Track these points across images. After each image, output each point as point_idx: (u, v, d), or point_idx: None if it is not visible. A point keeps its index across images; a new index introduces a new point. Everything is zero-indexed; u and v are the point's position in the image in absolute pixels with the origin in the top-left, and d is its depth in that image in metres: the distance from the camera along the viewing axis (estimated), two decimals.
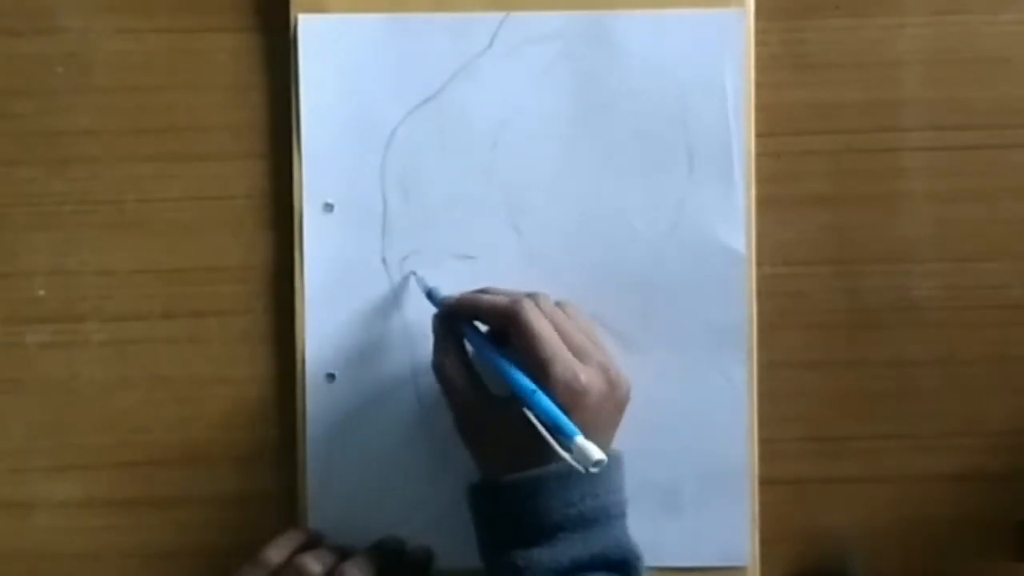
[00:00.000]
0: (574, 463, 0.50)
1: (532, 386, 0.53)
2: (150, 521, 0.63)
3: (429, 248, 0.62)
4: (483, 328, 0.58)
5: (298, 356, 0.62)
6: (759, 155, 0.62)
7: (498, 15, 0.62)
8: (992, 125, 0.63)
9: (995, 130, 0.63)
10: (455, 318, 0.58)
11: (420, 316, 0.62)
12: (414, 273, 0.62)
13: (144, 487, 0.63)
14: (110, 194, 0.63)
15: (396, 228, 0.62)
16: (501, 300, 0.56)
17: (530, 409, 0.52)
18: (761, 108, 0.62)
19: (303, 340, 0.62)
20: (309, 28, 0.62)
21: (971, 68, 0.63)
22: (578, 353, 0.55)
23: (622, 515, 0.55)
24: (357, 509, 0.62)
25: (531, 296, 0.56)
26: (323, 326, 0.62)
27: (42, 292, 0.63)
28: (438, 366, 0.58)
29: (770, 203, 0.63)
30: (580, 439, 0.51)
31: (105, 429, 0.63)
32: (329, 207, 0.62)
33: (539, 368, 0.54)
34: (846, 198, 0.64)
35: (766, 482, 0.62)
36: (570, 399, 0.53)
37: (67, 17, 0.63)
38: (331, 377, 0.62)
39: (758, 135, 0.62)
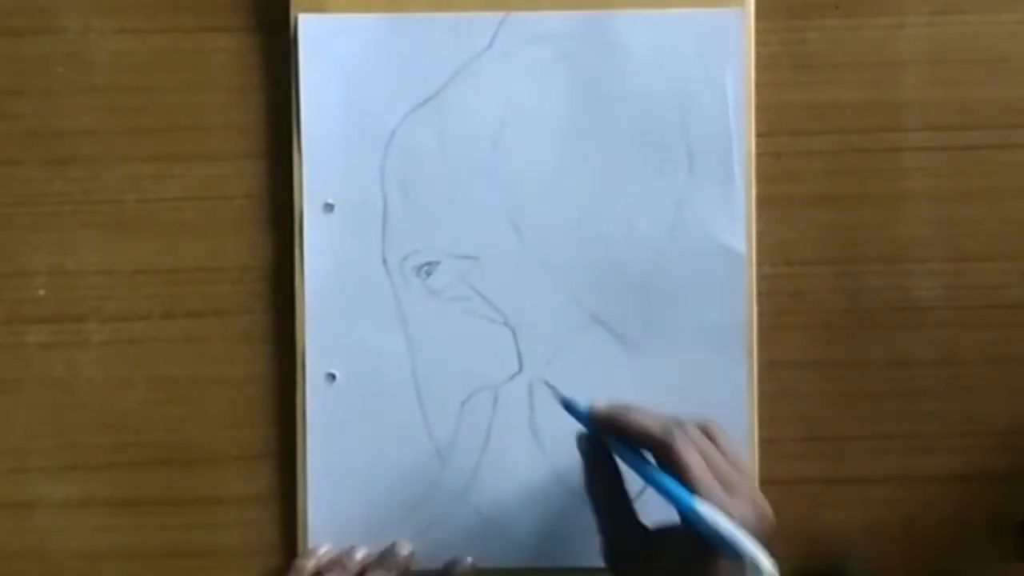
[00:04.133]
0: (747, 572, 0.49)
1: (694, 504, 0.51)
2: (150, 521, 0.63)
3: (429, 248, 0.62)
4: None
5: (298, 356, 0.62)
6: (759, 155, 0.62)
7: (498, 15, 0.62)
8: (992, 125, 0.63)
9: (995, 130, 0.63)
10: (605, 433, 0.56)
11: (420, 316, 0.62)
12: (548, 383, 0.60)
13: (144, 487, 0.63)
14: (110, 194, 0.63)
15: (396, 228, 0.62)
16: (653, 426, 0.54)
17: (698, 524, 0.51)
18: (761, 108, 0.62)
19: (303, 340, 0.62)
20: (309, 28, 0.62)
21: (971, 68, 0.63)
22: (725, 484, 0.53)
23: None
24: (357, 509, 0.62)
25: (679, 424, 0.54)
26: (323, 326, 0.62)
27: (42, 292, 0.63)
28: (591, 492, 0.56)
29: (770, 203, 0.63)
30: (753, 551, 0.49)
31: (105, 429, 0.63)
32: (329, 207, 0.62)
33: None
34: (846, 198, 0.64)
35: (766, 482, 0.62)
36: None
37: (67, 17, 0.63)
38: (331, 377, 0.62)
39: (758, 135, 0.62)
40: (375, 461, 0.62)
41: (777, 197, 0.63)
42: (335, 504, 0.62)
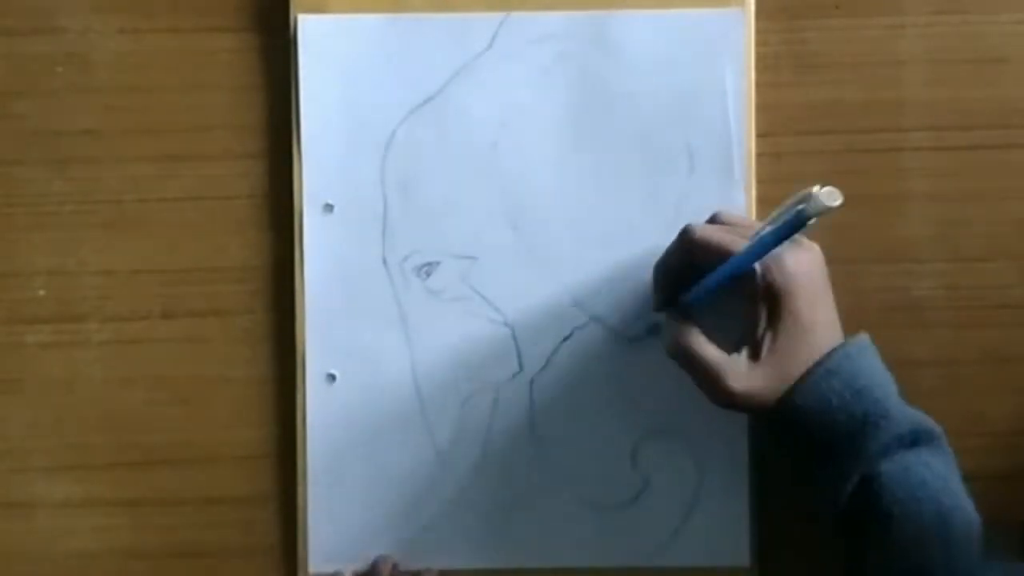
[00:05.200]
0: (828, 204, 0.50)
1: (740, 247, 0.53)
2: (150, 521, 0.63)
3: (429, 248, 0.62)
4: None
5: (298, 356, 0.62)
6: (759, 155, 0.62)
7: (498, 15, 0.62)
8: (992, 125, 0.63)
9: (995, 130, 0.63)
10: (666, 298, 0.58)
11: (420, 316, 0.62)
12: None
13: (144, 487, 0.63)
14: (110, 194, 0.63)
15: (396, 228, 0.62)
16: (674, 243, 0.57)
17: (763, 250, 0.52)
18: (761, 108, 0.62)
19: (303, 340, 0.62)
20: (309, 28, 0.62)
21: (971, 68, 0.63)
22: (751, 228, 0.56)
23: (892, 393, 0.56)
24: (356, 510, 0.62)
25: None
26: (323, 326, 0.62)
27: (42, 292, 0.63)
28: (676, 349, 0.56)
29: (770, 203, 0.63)
30: (805, 194, 0.51)
31: (105, 429, 0.63)
32: (329, 207, 0.62)
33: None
34: (846, 198, 0.63)
35: (766, 482, 0.62)
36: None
37: (67, 17, 0.63)
38: (331, 377, 0.62)
39: (758, 135, 0.62)
40: (375, 461, 0.62)
41: (777, 197, 0.63)
42: (335, 504, 0.62)
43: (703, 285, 0.56)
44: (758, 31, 0.62)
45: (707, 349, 0.56)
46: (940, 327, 0.64)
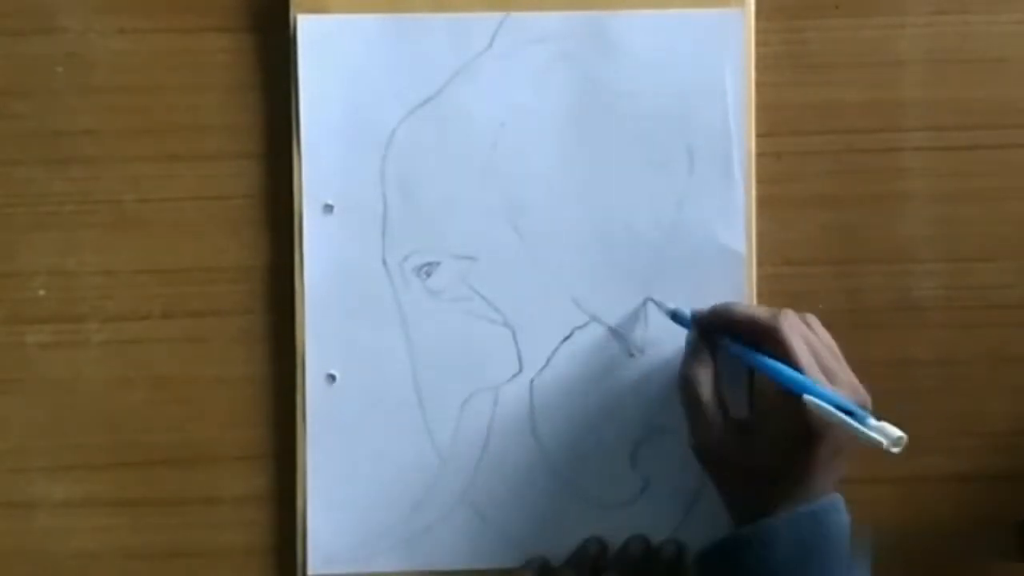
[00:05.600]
0: (875, 438, 0.51)
1: (809, 382, 0.53)
2: (150, 521, 0.63)
3: (429, 248, 0.62)
4: None
5: (298, 356, 0.62)
6: (759, 155, 0.62)
7: (498, 15, 0.62)
8: (992, 125, 0.63)
9: (995, 130, 0.63)
10: (709, 330, 0.58)
11: (420, 316, 0.62)
12: (651, 299, 0.62)
13: (144, 487, 0.63)
14: (110, 194, 0.63)
15: (396, 228, 0.62)
16: (760, 312, 0.57)
17: (812, 399, 0.52)
18: (761, 108, 0.62)
19: (303, 340, 0.62)
20: (309, 28, 0.62)
21: (971, 68, 0.63)
22: (827, 371, 0.55)
23: (849, 553, 0.55)
24: (357, 510, 0.62)
25: (783, 312, 0.56)
26: (323, 326, 0.62)
27: (42, 292, 0.63)
28: (688, 378, 0.57)
29: (770, 203, 0.63)
30: (873, 420, 0.51)
31: (105, 429, 0.63)
32: (329, 208, 0.62)
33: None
34: (846, 198, 0.64)
35: None
36: None
37: (67, 17, 0.63)
38: (331, 378, 0.62)
39: (758, 135, 0.62)
40: (375, 461, 0.62)
41: (777, 197, 0.63)
42: (335, 504, 0.62)
43: (755, 358, 0.56)
44: (758, 31, 0.62)
45: (710, 393, 0.57)
46: (940, 327, 0.64)
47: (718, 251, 0.62)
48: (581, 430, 0.62)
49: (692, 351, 0.59)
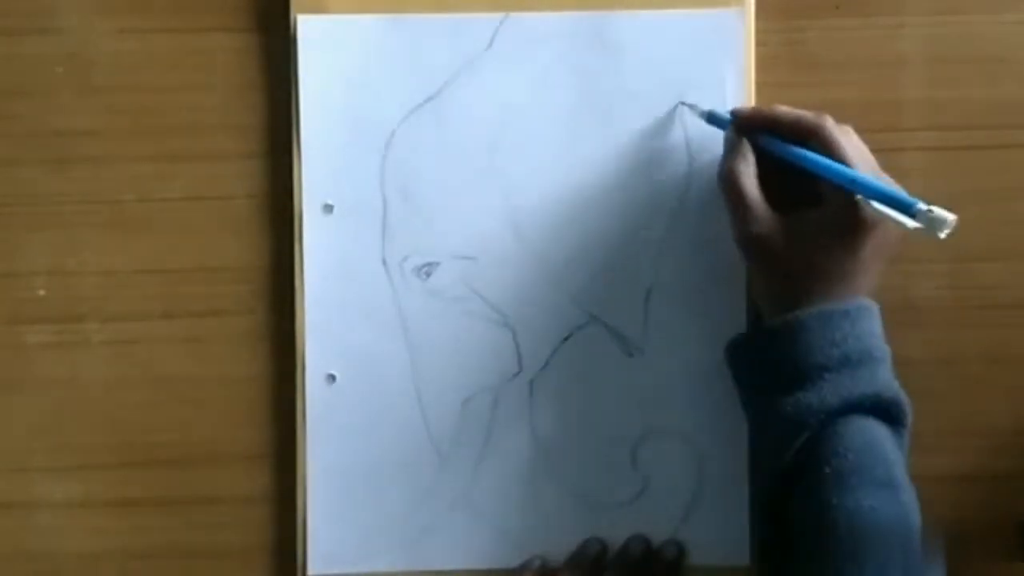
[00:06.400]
0: (926, 228, 0.51)
1: (858, 173, 0.54)
2: (150, 521, 0.63)
3: (429, 248, 0.62)
4: None
5: (298, 356, 0.62)
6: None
7: (498, 16, 0.62)
8: (992, 125, 0.63)
9: (995, 130, 0.63)
10: (751, 129, 0.58)
11: (420, 316, 0.62)
12: (683, 103, 0.62)
13: (144, 487, 0.63)
14: (110, 194, 0.63)
15: (396, 228, 0.62)
16: (803, 113, 0.57)
17: (862, 190, 0.53)
18: None
19: (303, 340, 0.62)
20: (309, 29, 0.62)
21: (971, 68, 0.63)
22: (871, 165, 0.56)
23: (886, 360, 0.55)
24: (357, 510, 0.62)
25: (825, 115, 0.57)
26: (323, 326, 0.62)
27: (42, 292, 0.63)
28: (731, 171, 0.56)
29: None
30: (922, 205, 0.51)
31: (105, 429, 0.63)
32: (329, 208, 0.62)
33: None
34: None
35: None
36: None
37: (67, 17, 0.63)
38: (332, 378, 0.62)
39: None
40: (375, 461, 0.62)
41: None
42: (335, 504, 0.62)
43: (808, 157, 0.56)
44: (758, 31, 0.62)
45: (754, 186, 0.56)
46: (940, 327, 0.64)
47: (718, 251, 0.62)
48: (581, 430, 0.62)
49: (732, 147, 0.58)
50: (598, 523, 0.62)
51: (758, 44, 0.62)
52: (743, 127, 0.58)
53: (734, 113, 0.59)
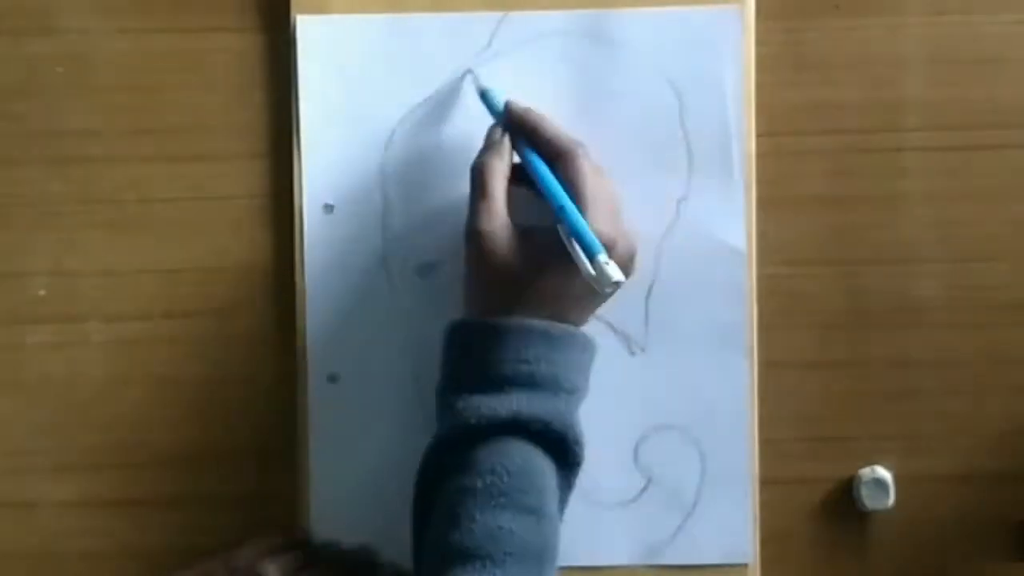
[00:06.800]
0: (594, 278, 0.52)
1: (569, 203, 0.54)
2: (150, 521, 0.63)
3: (429, 248, 0.62)
4: None
5: (299, 356, 0.62)
6: (759, 155, 0.62)
7: (496, 15, 0.62)
8: (992, 125, 0.63)
9: (995, 130, 0.63)
10: (514, 130, 0.58)
11: (420, 316, 0.62)
12: (471, 71, 0.62)
13: (144, 487, 0.63)
14: (110, 194, 0.63)
15: (396, 228, 0.62)
16: (565, 134, 0.57)
17: (562, 220, 0.53)
18: (761, 108, 0.62)
19: (304, 340, 0.62)
20: (308, 28, 0.62)
21: (971, 68, 0.63)
22: (611, 214, 0.55)
23: (573, 393, 0.55)
24: (358, 509, 0.62)
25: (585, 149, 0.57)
26: (323, 326, 0.62)
27: (42, 292, 0.63)
28: (483, 165, 0.56)
29: (770, 203, 0.63)
30: (603, 257, 0.52)
31: (105, 429, 0.63)
32: (329, 207, 0.62)
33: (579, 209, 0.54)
34: (846, 198, 0.64)
35: (766, 482, 0.62)
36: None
37: (67, 17, 0.63)
38: (332, 377, 0.62)
39: (758, 135, 0.62)
40: (376, 461, 0.62)
41: (777, 197, 0.63)
42: (336, 504, 0.62)
43: (538, 172, 0.56)
44: (758, 31, 0.62)
45: (500, 186, 0.56)
46: (940, 327, 0.64)
47: (718, 251, 0.62)
48: (583, 428, 0.62)
49: (493, 143, 0.58)
50: (601, 521, 0.62)
51: (758, 44, 0.62)
52: (508, 124, 0.58)
53: (506, 106, 0.59)
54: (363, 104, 0.62)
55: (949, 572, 0.64)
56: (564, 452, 0.54)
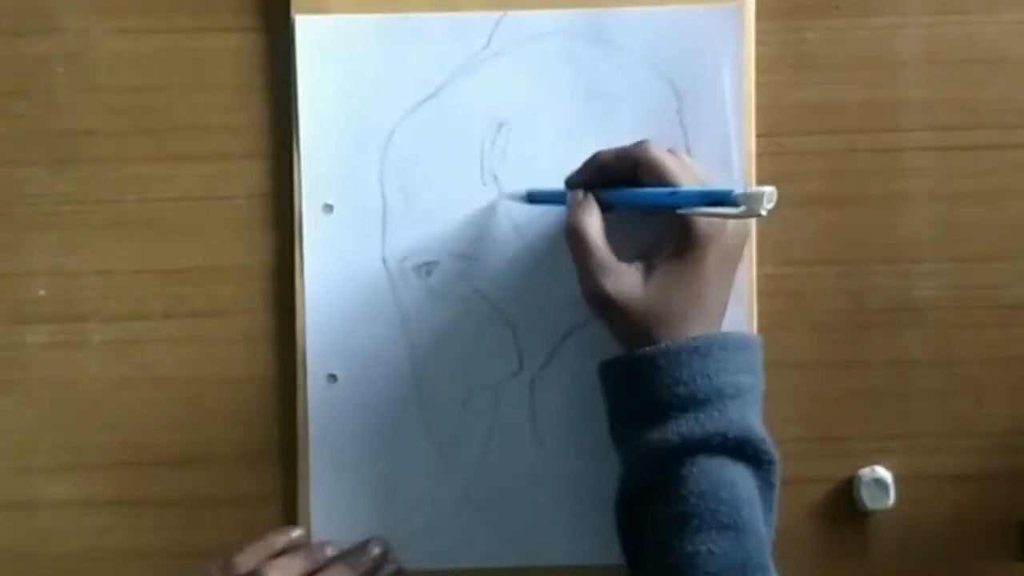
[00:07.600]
0: (750, 209, 0.51)
1: (672, 188, 0.55)
2: (150, 521, 0.63)
3: (429, 248, 0.62)
4: None
5: (298, 356, 0.62)
6: (759, 155, 0.62)
7: (495, 14, 0.62)
8: (992, 125, 0.63)
9: (995, 130, 0.63)
10: (584, 183, 0.58)
11: (420, 316, 0.62)
12: (506, 197, 0.62)
13: (144, 487, 0.63)
14: (110, 194, 0.63)
15: (396, 228, 0.62)
16: (625, 145, 0.57)
17: (683, 202, 0.54)
18: (761, 108, 0.62)
19: (303, 340, 0.62)
20: (308, 29, 0.62)
21: (971, 68, 0.63)
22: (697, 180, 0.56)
23: (743, 395, 0.54)
24: (358, 510, 0.62)
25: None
26: (323, 326, 0.62)
27: (42, 292, 0.63)
28: (575, 226, 0.56)
29: None
30: (737, 188, 0.52)
31: (105, 429, 0.63)
32: (329, 207, 0.62)
33: None
34: (846, 198, 0.64)
35: None
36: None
37: (67, 17, 0.63)
38: (332, 378, 0.62)
39: (758, 135, 0.62)
40: (375, 461, 0.62)
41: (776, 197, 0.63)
42: (336, 504, 0.62)
43: (630, 194, 0.56)
44: (758, 31, 0.62)
45: (600, 239, 0.56)
46: (940, 327, 0.64)
47: None
48: (581, 429, 0.62)
49: (574, 202, 0.58)
50: (599, 522, 0.62)
51: (758, 44, 0.62)
52: (578, 184, 0.58)
53: (567, 180, 0.59)
54: (363, 104, 0.62)
55: (949, 572, 0.64)
56: (753, 455, 0.53)
